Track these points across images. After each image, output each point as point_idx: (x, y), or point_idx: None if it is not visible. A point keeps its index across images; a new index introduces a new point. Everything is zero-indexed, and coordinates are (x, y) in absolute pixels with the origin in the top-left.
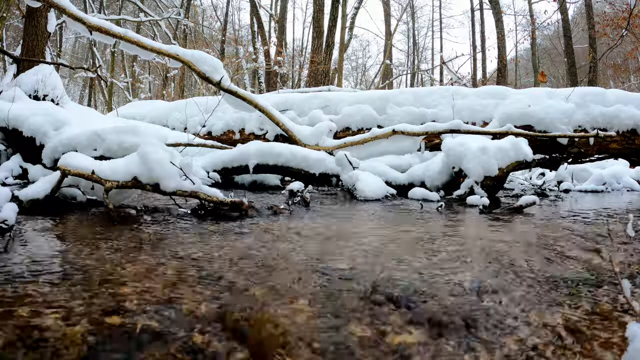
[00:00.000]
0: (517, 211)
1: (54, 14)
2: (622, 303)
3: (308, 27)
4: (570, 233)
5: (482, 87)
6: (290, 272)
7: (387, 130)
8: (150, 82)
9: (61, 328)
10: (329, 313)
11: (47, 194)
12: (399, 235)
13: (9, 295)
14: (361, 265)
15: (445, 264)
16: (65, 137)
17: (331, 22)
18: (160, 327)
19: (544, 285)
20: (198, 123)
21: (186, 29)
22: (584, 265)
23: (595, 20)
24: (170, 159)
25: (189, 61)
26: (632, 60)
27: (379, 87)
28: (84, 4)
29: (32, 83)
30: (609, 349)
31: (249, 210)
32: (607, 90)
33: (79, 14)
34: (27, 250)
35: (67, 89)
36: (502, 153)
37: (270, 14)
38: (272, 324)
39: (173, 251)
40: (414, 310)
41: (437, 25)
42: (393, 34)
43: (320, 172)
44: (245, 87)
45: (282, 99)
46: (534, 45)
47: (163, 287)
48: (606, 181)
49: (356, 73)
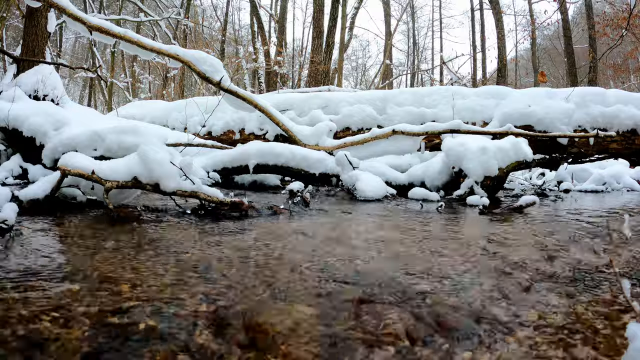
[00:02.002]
0: (517, 211)
1: (54, 14)
2: (622, 303)
3: (308, 27)
4: (570, 233)
5: (482, 87)
6: (291, 272)
7: (387, 130)
8: (150, 82)
9: (61, 328)
10: (328, 313)
11: (47, 194)
12: (399, 236)
13: (9, 295)
14: (361, 266)
15: (445, 264)
16: (65, 137)
17: (331, 22)
18: (160, 327)
19: (544, 284)
20: (198, 123)
21: (186, 29)
22: (584, 265)
23: (595, 20)
24: (170, 159)
25: (189, 61)
26: (632, 60)
27: (379, 87)
28: (84, 4)
29: (32, 83)
30: (609, 349)
31: (249, 210)
32: (607, 90)
33: (79, 14)
34: (27, 250)
35: (67, 89)
36: (502, 153)
37: (270, 14)
38: (272, 323)
39: (173, 251)
40: (417, 312)
41: (437, 25)
42: (393, 34)
43: (320, 172)
44: (245, 87)
45: (282, 99)
46: (534, 45)
47: (163, 287)
48: (606, 181)
49: (356, 73)
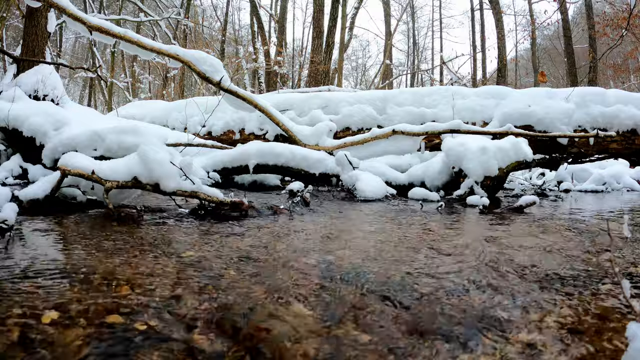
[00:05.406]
0: (517, 211)
1: (54, 14)
2: (622, 303)
3: (308, 27)
4: (570, 233)
5: (482, 87)
6: (291, 272)
7: (387, 130)
8: (150, 82)
9: (61, 328)
10: (328, 313)
11: (47, 194)
12: (399, 236)
13: (9, 295)
14: (361, 266)
15: (446, 264)
16: (65, 137)
17: (331, 22)
18: (160, 327)
19: (544, 284)
20: (198, 123)
21: (186, 29)
22: (584, 264)
23: (595, 20)
24: (170, 159)
25: (189, 61)
26: (632, 60)
27: (379, 87)
28: (84, 4)
29: (32, 83)
30: (609, 349)
31: (249, 210)
32: (607, 90)
33: (79, 14)
34: (27, 250)
35: (67, 89)
36: (502, 153)
37: (270, 14)
38: (271, 323)
39: (173, 251)
40: (415, 313)
41: (437, 25)
42: (393, 34)
43: (321, 172)
44: (245, 87)
45: (282, 99)
46: (534, 45)
47: (163, 286)
48: (606, 181)
49: (356, 73)
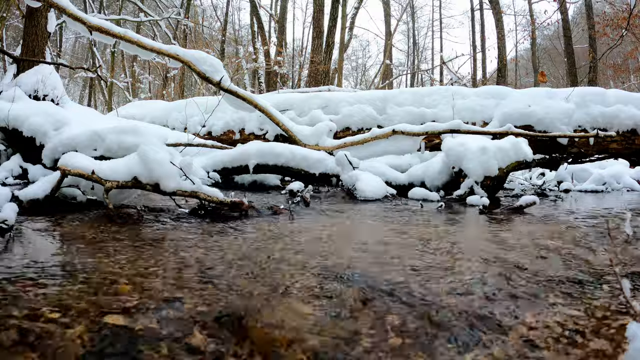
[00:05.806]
0: (517, 211)
1: (54, 14)
2: (622, 303)
3: (308, 27)
4: (570, 233)
5: (482, 87)
6: (291, 272)
7: (387, 130)
8: (150, 82)
9: (61, 328)
10: (328, 313)
11: (47, 194)
12: (399, 236)
13: (9, 295)
14: (361, 265)
15: (446, 264)
16: (65, 137)
17: (331, 22)
18: (160, 327)
19: (544, 284)
20: (198, 123)
21: (186, 29)
22: (584, 264)
23: (595, 20)
24: (170, 159)
25: (189, 61)
26: (632, 60)
27: (379, 87)
28: (84, 4)
29: (32, 83)
30: (609, 349)
31: (249, 210)
32: (607, 90)
33: (79, 14)
34: (27, 250)
35: (67, 89)
36: (502, 153)
37: (270, 14)
38: (272, 323)
39: (173, 251)
40: (416, 312)
41: (437, 25)
42: (393, 34)
43: (321, 172)
44: (245, 87)
45: (282, 99)
46: (534, 45)
47: (163, 286)
48: (606, 181)
49: (356, 73)
